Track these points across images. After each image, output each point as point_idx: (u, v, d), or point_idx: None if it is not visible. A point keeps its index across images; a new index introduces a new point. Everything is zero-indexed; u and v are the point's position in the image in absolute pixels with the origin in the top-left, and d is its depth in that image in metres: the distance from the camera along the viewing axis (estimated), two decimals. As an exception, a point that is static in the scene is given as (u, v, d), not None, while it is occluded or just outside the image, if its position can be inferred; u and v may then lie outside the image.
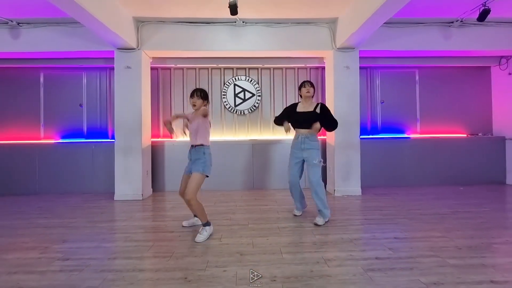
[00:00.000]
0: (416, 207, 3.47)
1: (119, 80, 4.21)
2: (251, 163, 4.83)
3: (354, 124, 4.32)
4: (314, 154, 2.94)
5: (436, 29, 4.39)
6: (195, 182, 2.47)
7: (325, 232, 2.65)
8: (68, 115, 4.93)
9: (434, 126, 5.19)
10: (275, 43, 4.35)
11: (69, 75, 4.95)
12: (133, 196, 4.14)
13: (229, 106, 5.02)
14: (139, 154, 4.20)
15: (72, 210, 3.59)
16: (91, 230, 2.80)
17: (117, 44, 4.06)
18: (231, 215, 3.25)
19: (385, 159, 4.97)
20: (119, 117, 4.20)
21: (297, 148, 3.05)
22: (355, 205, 3.68)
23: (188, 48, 4.30)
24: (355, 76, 4.31)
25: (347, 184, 4.28)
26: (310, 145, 2.96)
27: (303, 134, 3.00)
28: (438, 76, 5.22)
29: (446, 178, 4.98)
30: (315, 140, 2.98)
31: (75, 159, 4.75)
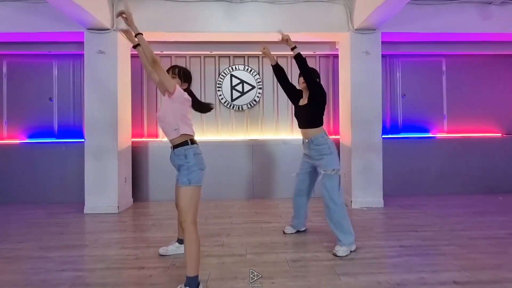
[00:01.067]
0: (459, 227, 2.74)
1: (90, 67, 3.46)
2: (250, 168, 4.10)
3: (375, 121, 3.58)
4: (325, 161, 2.25)
5: (473, 8, 3.63)
6: (186, 201, 1.67)
7: (353, 269, 1.92)
8: (36, 110, 4.17)
9: (463, 124, 4.45)
10: (279, 23, 3.55)
11: (37, 64, 4.19)
12: (107, 209, 3.41)
13: (225, 101, 4.28)
14: (115, 157, 3.46)
15: (27, 228, 2.87)
16: (34, 263, 2.07)
17: (86, 24, 3.32)
18: (225, 239, 2.51)
19: (407, 163, 4.24)
20: (90, 112, 3.46)
21: (306, 153, 2.45)
22: (381, 222, 2.95)
23: (175, 29, 3.55)
24: (376, 63, 3.57)
25: (366, 193, 3.55)
26: (317, 150, 2.27)
27: (306, 137, 2.35)
28: (469, 66, 4.46)
29: (479, 185, 4.25)
30: (323, 143, 2.27)
31: (44, 162, 4.02)
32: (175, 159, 1.80)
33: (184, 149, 1.75)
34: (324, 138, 2.27)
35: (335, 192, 2.21)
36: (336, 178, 2.23)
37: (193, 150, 1.77)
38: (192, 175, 1.70)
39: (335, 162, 2.25)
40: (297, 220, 2.59)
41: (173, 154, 1.81)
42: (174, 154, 1.79)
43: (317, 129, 2.30)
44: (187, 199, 1.68)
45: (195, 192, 1.70)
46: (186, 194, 1.68)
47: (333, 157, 2.25)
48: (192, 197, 1.69)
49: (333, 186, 2.22)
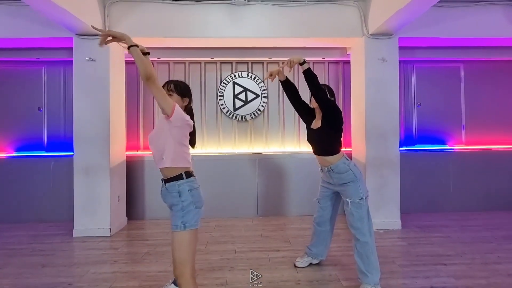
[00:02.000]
0: (492, 258, 2.42)
1: (79, 75, 3.16)
2: (254, 183, 3.79)
3: (392, 134, 3.28)
4: (350, 189, 1.96)
5: (500, 10, 3.33)
6: (183, 250, 1.40)
7: (382, 324, 1.61)
8: (23, 121, 3.87)
9: (483, 135, 4.13)
10: (286, 28, 3.30)
11: (25, 71, 3.89)
12: (98, 232, 3.10)
13: (227, 110, 3.98)
14: (107, 174, 3.16)
15: (7, 257, 2.56)
16: (5, 312, 1.77)
17: (75, 29, 3.02)
18: (228, 274, 2.20)
19: (423, 177, 3.93)
20: (79, 124, 3.16)
21: (326, 180, 2.16)
22: (402, 250, 2.64)
23: (172, 34, 3.25)
24: (393, 70, 3.27)
25: (382, 214, 3.24)
26: (340, 179, 1.99)
27: (324, 165, 2.05)
28: (489, 72, 4.15)
29: (501, 201, 3.93)
30: (346, 170, 1.97)
31: (31, 178, 3.72)
32: (166, 196, 1.50)
33: (178, 185, 1.45)
34: (345, 164, 1.97)
35: (364, 222, 1.93)
36: (365, 206, 1.95)
37: (189, 185, 1.47)
38: (188, 216, 1.42)
39: (362, 189, 1.96)
40: (316, 249, 2.28)
41: (164, 190, 1.50)
42: (166, 189, 1.49)
43: (335, 156, 2.00)
44: (184, 248, 1.40)
45: (192, 237, 1.43)
46: (182, 242, 1.40)
47: (359, 184, 1.96)
48: (190, 244, 1.41)
49: (362, 215, 1.93)
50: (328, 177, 2.06)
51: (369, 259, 1.90)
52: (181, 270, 1.39)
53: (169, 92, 1.54)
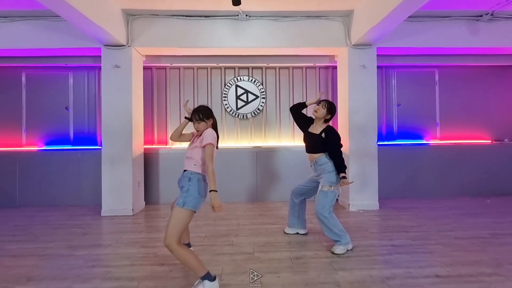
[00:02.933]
0: (447, 228, 3.00)
1: (107, 80, 3.74)
2: (254, 173, 4.37)
3: (371, 129, 3.85)
4: (324, 177, 2.50)
5: (463, 24, 3.91)
6: (175, 221, 1.74)
7: (348, 265, 2.18)
8: (53, 119, 4.46)
9: (455, 131, 4.72)
10: (282, 39, 3.88)
11: (54, 75, 4.48)
12: (122, 212, 3.68)
13: (230, 110, 4.56)
14: (129, 163, 3.74)
15: (52, 230, 3.13)
16: (66, 261, 2.33)
17: (104, 40, 3.60)
18: (234, 239, 2.78)
19: (402, 168, 4.51)
20: (106, 122, 3.73)
21: (314, 174, 2.71)
22: (375, 223, 3.21)
23: (184, 45, 3.83)
24: (372, 76, 3.85)
25: (363, 197, 3.82)
26: (321, 170, 2.55)
27: (312, 160, 2.62)
28: (460, 76, 4.74)
29: (470, 189, 4.52)
30: (326, 162, 2.52)
31: (61, 168, 4.29)
32: (181, 181, 1.94)
33: (191, 173, 1.90)
34: (327, 158, 2.51)
35: (326, 206, 2.42)
36: (330, 196, 2.43)
37: (198, 177, 1.90)
38: (189, 198, 1.80)
39: (333, 179, 2.46)
40: (291, 219, 2.85)
41: (181, 176, 1.96)
42: (182, 175, 1.95)
43: (320, 153, 2.55)
44: (177, 222, 1.74)
45: (186, 217, 1.78)
46: (177, 217, 1.75)
47: (332, 175, 2.46)
48: (182, 220, 1.76)
49: (325, 201, 2.42)
50: (314, 170, 2.63)
51: (332, 231, 2.42)
52: (168, 241, 1.71)
53: (197, 121, 1.97)
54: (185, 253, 1.73)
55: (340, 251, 2.38)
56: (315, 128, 2.63)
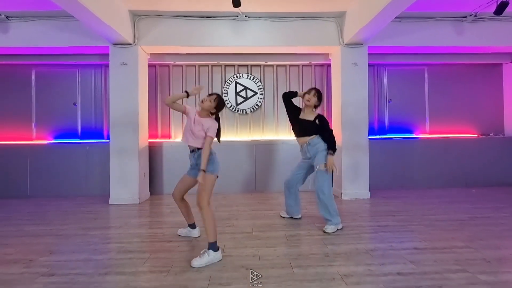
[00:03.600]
0: (430, 212, 3.26)
1: (114, 77, 3.98)
2: (253, 165, 4.61)
3: (363, 124, 4.10)
4: (319, 156, 2.73)
5: (449, 24, 4.17)
6: (207, 185, 2.14)
7: (337, 241, 2.43)
8: (61, 114, 4.69)
9: (443, 126, 4.99)
10: (279, 38, 4.13)
11: (63, 73, 4.71)
12: (129, 200, 3.92)
13: (230, 105, 4.80)
14: (136, 155, 3.98)
15: (64, 215, 3.37)
16: (82, 239, 2.57)
17: (112, 39, 3.83)
18: (234, 221, 3.03)
19: (393, 160, 4.77)
20: (114, 116, 3.97)
21: (304, 157, 2.92)
22: (365, 209, 3.47)
23: (187, 43, 4.07)
24: (363, 73, 4.10)
25: (355, 186, 4.07)
26: (314, 149, 2.77)
27: (305, 142, 2.83)
28: (448, 74, 5.01)
29: (457, 180, 4.78)
30: (318, 142, 2.76)
31: (69, 160, 4.52)
32: (198, 158, 2.30)
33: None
34: (320, 138, 2.76)
35: (325, 184, 2.68)
36: (327, 174, 2.69)
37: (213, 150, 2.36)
38: (215, 164, 2.29)
39: (326, 158, 2.71)
40: (291, 207, 3.05)
41: (197, 154, 2.31)
42: (198, 153, 2.30)
43: (312, 135, 2.79)
44: (207, 185, 2.16)
45: (213, 180, 2.23)
46: (207, 180, 2.17)
47: (325, 154, 2.71)
48: (211, 183, 2.21)
49: (324, 179, 2.68)
50: (306, 151, 2.84)
51: (328, 209, 2.67)
52: (202, 201, 2.11)
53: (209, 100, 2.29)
54: (211, 214, 2.11)
55: (330, 230, 2.63)
56: (307, 116, 2.85)
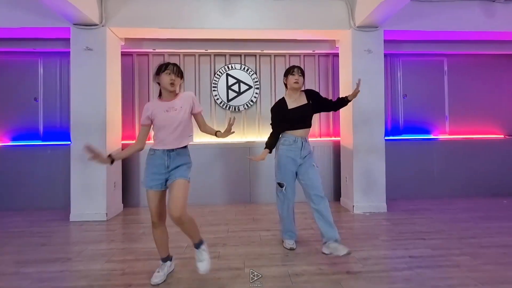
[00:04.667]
0: (468, 234, 2.60)
1: (76, 65, 3.25)
2: (247, 171, 3.92)
3: (377, 122, 3.44)
4: (311, 155, 2.27)
5: (477, 5, 3.53)
6: (185, 192, 1.73)
7: (361, 284, 1.75)
8: (20, 111, 3.93)
9: (465, 125, 4.34)
10: (278, 21, 3.44)
11: (22, 62, 3.95)
12: (94, 216, 3.19)
13: (220, 101, 4.10)
14: (104, 161, 3.25)
15: (6, 239, 2.63)
16: (9, 282, 1.86)
17: (72, 18, 3.11)
18: (221, 249, 2.33)
19: (408, 165, 4.12)
20: (76, 114, 3.25)
21: (296, 154, 2.23)
22: (386, 229, 2.80)
23: (167, 25, 3.37)
24: (379, 62, 3.43)
25: (369, 198, 3.40)
26: (309, 148, 2.27)
27: (302, 136, 2.24)
28: (471, 65, 4.36)
29: (482, 188, 4.14)
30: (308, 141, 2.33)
31: (28, 166, 3.78)
32: (176, 159, 1.77)
33: (187, 149, 1.86)
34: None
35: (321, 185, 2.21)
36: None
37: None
38: (189, 171, 1.82)
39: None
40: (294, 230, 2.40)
41: (175, 155, 1.77)
42: (177, 154, 1.78)
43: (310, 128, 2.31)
44: (185, 191, 1.73)
45: (188, 186, 1.79)
46: (186, 187, 1.73)
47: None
48: (188, 190, 1.77)
49: (319, 179, 2.21)
50: (300, 148, 2.21)
51: (331, 218, 2.11)
52: (182, 210, 1.66)
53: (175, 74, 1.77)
54: (192, 220, 1.78)
55: (344, 251, 1.95)
56: (298, 101, 2.29)
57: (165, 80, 1.75)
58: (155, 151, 1.78)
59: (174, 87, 1.76)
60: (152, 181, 1.76)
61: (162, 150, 1.76)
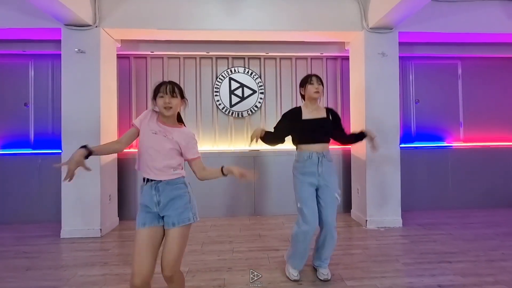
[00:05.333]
0: (497, 255, 2.37)
1: (68, 68, 3.01)
2: (251, 181, 3.68)
3: (392, 130, 3.22)
4: (334, 181, 2.01)
5: (498, 5, 3.31)
6: (182, 243, 1.35)
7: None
8: (9, 117, 3.68)
9: (481, 132, 4.12)
10: (284, 21, 3.22)
11: (11, 64, 3.70)
12: (87, 232, 2.95)
13: (223, 107, 3.86)
14: (97, 172, 3.01)
15: (-13, 260, 2.39)
16: (-18, 320, 1.62)
17: (63, 19, 2.88)
18: (226, 275, 2.09)
19: (421, 175, 3.90)
20: (67, 120, 3.01)
21: (312, 173, 1.95)
22: (404, 248, 2.56)
23: (166, 26, 3.13)
24: (393, 66, 3.21)
25: (383, 212, 3.17)
26: (329, 167, 1.98)
27: (319, 151, 1.97)
28: (486, 69, 4.14)
29: (500, 198, 3.93)
30: (332, 159, 2.04)
31: (17, 177, 3.54)
32: (166, 190, 1.37)
33: (183, 177, 1.44)
34: (331, 154, 2.04)
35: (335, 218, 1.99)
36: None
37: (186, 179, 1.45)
38: (195, 205, 1.43)
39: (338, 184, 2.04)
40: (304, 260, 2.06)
41: (163, 184, 1.38)
42: (167, 183, 1.38)
43: (328, 144, 2.05)
44: (183, 243, 1.36)
45: (188, 231, 1.41)
46: (186, 235, 1.37)
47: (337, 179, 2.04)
48: (187, 239, 1.40)
49: (335, 211, 2.00)
50: (320, 164, 1.94)
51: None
52: (177, 266, 1.34)
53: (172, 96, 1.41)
54: (183, 280, 1.47)
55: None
56: (315, 113, 2.05)
57: (159, 104, 1.40)
58: (143, 183, 1.43)
59: (170, 111, 1.40)
60: (144, 217, 1.39)
61: (149, 183, 1.39)
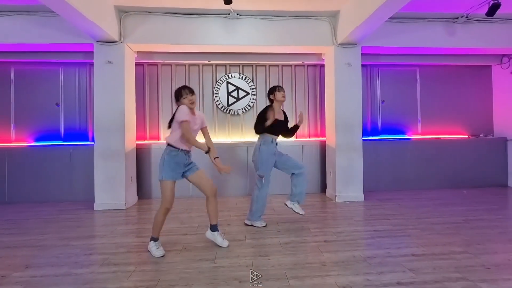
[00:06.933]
0: (424, 215, 3.22)
1: (99, 76, 3.78)
2: (245, 167, 4.50)
3: (356, 125, 4.05)
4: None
5: (441, 25, 4.17)
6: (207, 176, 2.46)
7: (334, 248, 2.34)
8: (43, 115, 4.45)
9: (435, 126, 5.00)
10: (272, 37, 4.02)
11: (44, 71, 4.46)
12: (115, 206, 3.73)
13: (221, 106, 4.67)
14: (122, 158, 3.79)
15: (44, 223, 3.16)
16: (62, 250, 2.40)
17: (96, 36, 3.64)
18: (226, 228, 2.90)
19: (386, 162, 4.74)
20: (99, 117, 3.78)
21: (274, 153, 2.96)
22: (360, 213, 3.40)
23: (176, 42, 3.92)
24: (357, 73, 4.04)
25: (349, 189, 4.01)
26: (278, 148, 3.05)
27: (275, 139, 3.00)
28: (439, 75, 5.03)
29: (448, 181, 4.80)
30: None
31: (51, 164, 4.29)
32: (190, 158, 2.39)
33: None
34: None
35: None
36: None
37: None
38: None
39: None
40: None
41: (189, 156, 2.38)
42: (190, 156, 2.39)
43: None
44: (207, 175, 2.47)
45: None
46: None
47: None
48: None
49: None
50: (276, 147, 2.97)
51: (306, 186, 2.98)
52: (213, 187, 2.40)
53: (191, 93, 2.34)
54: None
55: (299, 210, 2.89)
56: (279, 115, 2.99)
57: (185, 102, 2.29)
58: (179, 152, 2.29)
59: (194, 104, 2.33)
60: (175, 173, 2.28)
61: (184, 151, 2.31)
